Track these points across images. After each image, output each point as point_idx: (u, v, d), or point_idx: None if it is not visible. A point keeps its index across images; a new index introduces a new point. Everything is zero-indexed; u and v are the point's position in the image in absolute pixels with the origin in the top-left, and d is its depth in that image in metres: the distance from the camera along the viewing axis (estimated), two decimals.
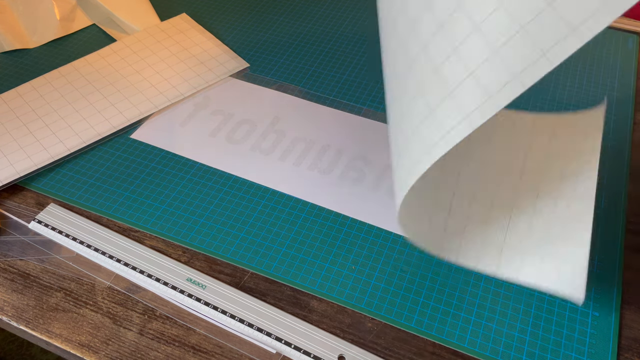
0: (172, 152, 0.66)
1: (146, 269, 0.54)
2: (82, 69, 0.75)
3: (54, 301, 0.52)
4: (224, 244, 0.57)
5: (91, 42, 0.81)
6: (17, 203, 0.60)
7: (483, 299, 0.52)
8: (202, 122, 0.69)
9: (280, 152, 0.65)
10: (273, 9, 0.88)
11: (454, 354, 0.49)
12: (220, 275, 0.54)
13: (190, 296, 0.52)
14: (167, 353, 0.49)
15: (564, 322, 0.51)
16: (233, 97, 0.72)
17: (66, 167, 0.64)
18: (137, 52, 0.77)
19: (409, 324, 0.51)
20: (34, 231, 0.58)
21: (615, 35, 0.82)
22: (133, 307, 0.52)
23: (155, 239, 0.57)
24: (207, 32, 0.81)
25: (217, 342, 0.50)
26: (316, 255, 0.56)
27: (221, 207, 0.60)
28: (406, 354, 0.49)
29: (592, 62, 0.78)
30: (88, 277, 0.54)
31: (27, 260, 0.56)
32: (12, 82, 0.74)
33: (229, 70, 0.76)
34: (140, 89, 0.72)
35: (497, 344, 0.49)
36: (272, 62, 0.78)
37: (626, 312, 0.52)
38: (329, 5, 0.88)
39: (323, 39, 0.70)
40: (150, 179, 0.63)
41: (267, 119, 0.70)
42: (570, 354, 0.49)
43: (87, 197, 0.61)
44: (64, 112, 0.69)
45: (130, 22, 0.82)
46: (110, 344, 0.50)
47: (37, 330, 0.51)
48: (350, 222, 0.59)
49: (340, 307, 0.52)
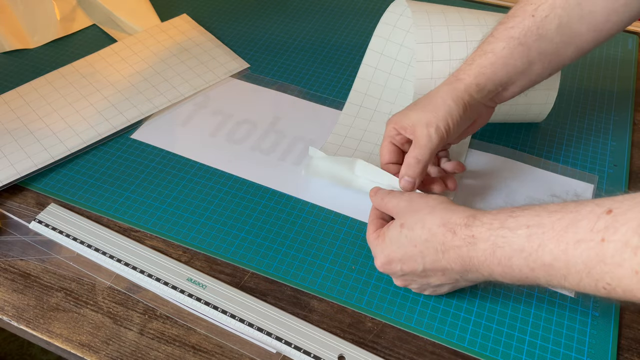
0: (172, 152, 0.66)
1: (146, 268, 0.54)
2: (83, 70, 0.75)
3: (55, 301, 0.52)
4: (224, 244, 0.57)
5: (91, 42, 0.81)
6: (17, 203, 0.60)
7: (483, 299, 0.52)
8: (202, 122, 0.69)
9: (281, 152, 0.65)
10: (273, 9, 0.88)
11: (454, 354, 0.49)
12: (221, 275, 0.54)
13: (190, 296, 0.52)
14: (167, 353, 0.49)
15: (564, 322, 0.51)
16: (233, 97, 0.72)
17: (66, 167, 0.64)
18: (138, 53, 0.77)
19: (409, 324, 0.51)
20: (35, 231, 0.58)
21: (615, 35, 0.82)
22: (133, 307, 0.52)
23: (156, 239, 0.57)
24: (207, 33, 0.82)
25: (217, 342, 0.50)
26: (316, 255, 0.56)
27: (221, 207, 0.60)
28: (406, 354, 0.49)
29: (592, 62, 0.78)
30: (88, 277, 0.54)
31: (27, 260, 0.56)
32: (13, 82, 0.74)
33: (230, 70, 0.76)
34: (141, 90, 0.72)
35: (497, 344, 0.49)
36: (272, 62, 0.78)
37: (626, 312, 0.52)
38: (329, 6, 0.88)
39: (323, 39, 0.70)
40: (150, 179, 0.63)
41: (267, 119, 0.70)
42: (570, 354, 0.49)
43: (87, 197, 0.61)
44: (65, 113, 0.69)
45: (131, 23, 0.82)
46: (111, 344, 0.50)
47: (38, 330, 0.51)
48: (350, 222, 0.59)
49: (340, 307, 0.52)
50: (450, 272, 0.46)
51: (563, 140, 0.67)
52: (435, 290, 0.50)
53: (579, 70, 0.76)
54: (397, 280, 0.51)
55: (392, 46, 0.68)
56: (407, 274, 0.48)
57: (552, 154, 0.65)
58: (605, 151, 0.66)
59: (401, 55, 0.68)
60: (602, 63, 0.78)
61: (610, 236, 0.35)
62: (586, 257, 0.37)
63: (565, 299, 0.52)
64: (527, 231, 0.40)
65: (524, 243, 0.40)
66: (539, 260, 0.40)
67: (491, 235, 0.42)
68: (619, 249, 0.35)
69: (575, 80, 0.75)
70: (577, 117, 0.70)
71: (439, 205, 0.47)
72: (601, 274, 0.36)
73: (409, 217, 0.48)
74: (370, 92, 0.69)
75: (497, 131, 0.68)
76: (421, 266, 0.47)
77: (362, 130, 0.67)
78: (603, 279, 0.36)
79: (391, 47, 0.68)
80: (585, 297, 0.52)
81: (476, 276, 0.45)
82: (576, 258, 0.37)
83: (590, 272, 0.37)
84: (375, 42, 0.69)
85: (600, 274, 0.36)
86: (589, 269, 0.37)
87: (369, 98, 0.69)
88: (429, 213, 0.47)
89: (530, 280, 0.42)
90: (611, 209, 0.36)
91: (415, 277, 0.48)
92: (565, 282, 0.39)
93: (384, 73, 0.69)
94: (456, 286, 0.50)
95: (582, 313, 0.51)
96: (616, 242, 0.35)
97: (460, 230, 0.44)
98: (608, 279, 0.36)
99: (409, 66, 0.68)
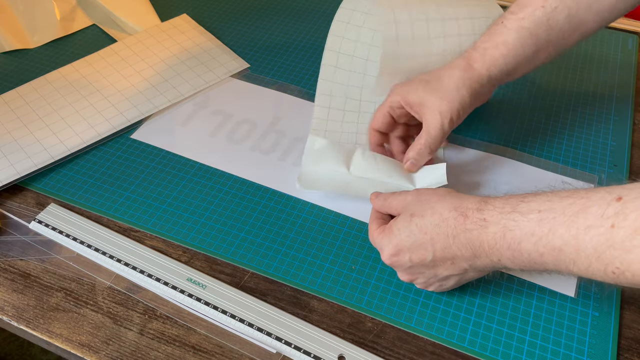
0: (172, 152, 0.66)
1: (146, 269, 0.54)
2: (83, 70, 0.75)
3: (55, 301, 0.52)
4: (224, 244, 0.57)
5: (91, 42, 0.81)
6: (17, 203, 0.60)
7: (483, 299, 0.52)
8: (202, 122, 0.69)
9: (281, 152, 0.65)
10: (273, 9, 0.88)
11: (454, 354, 0.49)
12: (221, 275, 0.54)
13: (190, 296, 0.52)
14: (167, 353, 0.49)
15: (564, 322, 0.51)
16: (233, 98, 0.72)
17: (66, 167, 0.64)
18: (138, 53, 0.77)
19: (409, 324, 0.51)
20: (35, 231, 0.58)
21: (615, 35, 0.82)
22: (133, 307, 0.52)
23: (156, 239, 0.57)
24: (207, 33, 0.82)
25: (217, 342, 0.50)
26: (316, 255, 0.56)
27: (221, 207, 0.60)
28: (406, 354, 0.49)
29: (592, 62, 0.78)
30: (88, 277, 0.54)
31: (27, 260, 0.56)
32: (13, 82, 0.74)
33: (230, 70, 0.76)
34: (141, 90, 0.72)
35: (497, 344, 0.49)
36: (272, 62, 0.78)
37: (626, 312, 0.52)
38: (329, 6, 0.88)
39: (323, 39, 0.70)
40: (150, 179, 0.63)
41: (267, 119, 0.70)
42: (570, 354, 0.49)
43: (87, 197, 0.61)
44: (65, 113, 0.69)
45: (131, 23, 0.82)
46: (111, 344, 0.50)
47: (38, 330, 0.51)
48: (350, 222, 0.59)
49: (340, 307, 0.52)
50: (460, 259, 0.46)
51: (563, 140, 0.67)
52: (441, 284, 0.50)
53: (579, 70, 0.77)
54: (402, 274, 0.50)
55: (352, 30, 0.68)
56: (415, 265, 0.48)
57: (552, 154, 0.65)
58: (605, 151, 0.66)
59: (363, 38, 0.68)
60: (602, 63, 0.78)
61: (620, 222, 0.37)
62: (596, 242, 0.38)
63: (565, 299, 0.52)
64: (538, 215, 0.41)
65: (534, 227, 0.41)
66: (549, 244, 0.40)
67: (502, 218, 0.43)
68: (629, 235, 0.36)
69: (575, 80, 0.75)
70: (577, 117, 0.70)
71: (449, 194, 0.48)
72: (611, 258, 0.38)
73: (419, 206, 0.48)
74: (338, 79, 0.69)
75: (497, 131, 0.68)
76: (431, 255, 0.46)
77: (339, 122, 0.67)
78: (613, 264, 0.38)
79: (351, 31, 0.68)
80: (585, 296, 0.52)
81: (485, 263, 0.45)
82: (586, 243, 0.38)
83: (600, 256, 0.38)
84: (333, 34, 0.69)
85: (610, 259, 0.38)
86: (599, 253, 0.38)
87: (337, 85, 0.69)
88: (438, 200, 0.47)
89: (538, 265, 0.42)
90: (621, 196, 0.38)
91: (424, 268, 0.48)
92: (573, 266, 0.40)
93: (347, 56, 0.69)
94: (462, 279, 0.49)
95: (582, 313, 0.51)
96: (626, 229, 0.37)
97: (472, 214, 0.45)
98: (617, 264, 0.37)
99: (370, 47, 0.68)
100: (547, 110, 0.71)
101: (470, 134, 0.67)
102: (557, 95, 0.73)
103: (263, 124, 0.69)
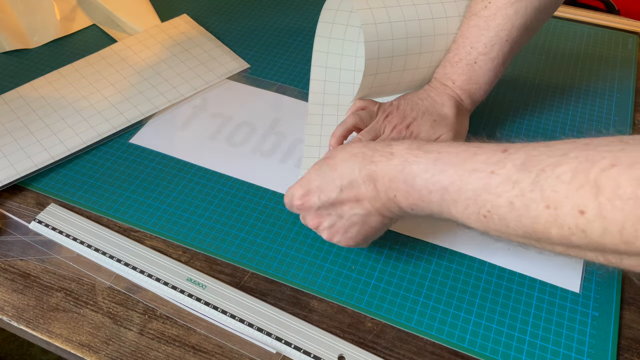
0: (171, 155, 0.66)
1: (146, 269, 0.54)
2: (83, 70, 0.75)
3: (55, 301, 0.52)
4: (224, 244, 0.57)
5: (91, 42, 0.81)
6: (17, 203, 0.60)
7: (483, 299, 0.52)
8: (201, 125, 0.69)
9: (281, 154, 0.65)
10: (273, 10, 0.88)
11: (454, 354, 0.49)
12: (220, 275, 0.54)
13: (190, 296, 0.52)
14: (167, 353, 0.49)
15: (564, 322, 0.51)
16: (232, 99, 0.72)
17: (67, 167, 0.64)
18: (138, 53, 0.77)
19: (409, 324, 0.51)
20: (35, 231, 0.58)
21: (615, 35, 0.82)
22: (133, 307, 0.52)
23: (156, 239, 0.57)
24: (207, 33, 0.82)
25: (217, 342, 0.50)
26: (316, 255, 0.56)
27: (221, 207, 0.60)
28: (406, 354, 0.49)
29: (592, 62, 0.78)
30: (88, 277, 0.54)
31: (27, 260, 0.56)
32: (13, 82, 0.74)
33: (230, 70, 0.76)
34: (141, 90, 0.72)
35: (497, 344, 0.49)
36: (272, 63, 0.78)
37: (626, 312, 0.52)
38: None
39: None
40: (150, 179, 0.63)
41: (267, 121, 0.70)
42: (570, 354, 0.49)
43: (87, 197, 0.61)
44: (65, 113, 0.69)
45: (131, 23, 0.82)
46: (111, 344, 0.50)
47: (38, 330, 0.51)
48: None
49: (340, 307, 0.52)
50: (364, 198, 0.47)
51: None
52: (345, 231, 0.50)
53: (579, 70, 0.77)
54: (310, 218, 0.51)
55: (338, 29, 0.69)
56: (323, 206, 0.49)
57: None
58: None
59: (349, 35, 0.68)
60: (602, 63, 0.78)
61: (499, 170, 0.40)
62: (476, 185, 0.41)
63: (565, 299, 0.52)
64: (437, 156, 0.44)
65: (430, 165, 0.44)
66: (438, 183, 0.43)
67: (406, 153, 0.45)
68: (502, 181, 0.39)
69: (575, 80, 0.75)
70: (577, 117, 0.70)
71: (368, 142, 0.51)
72: (484, 202, 0.40)
73: (333, 152, 0.50)
74: (329, 77, 0.70)
75: (495, 131, 0.68)
76: (338, 190, 0.48)
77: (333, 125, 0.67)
78: (485, 207, 0.40)
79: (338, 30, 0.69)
80: (585, 296, 0.52)
81: (384, 202, 0.46)
82: (468, 185, 0.41)
83: (476, 199, 0.41)
84: (320, 33, 0.69)
85: (483, 202, 0.40)
86: (476, 196, 0.41)
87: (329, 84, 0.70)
88: (352, 144, 0.50)
89: (425, 204, 0.44)
90: (507, 149, 0.41)
91: (330, 208, 0.49)
92: (453, 207, 0.42)
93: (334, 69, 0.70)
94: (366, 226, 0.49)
95: (582, 313, 0.51)
96: (502, 175, 0.39)
97: (382, 148, 0.47)
98: (489, 207, 0.40)
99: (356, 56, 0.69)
100: (546, 110, 0.71)
101: (470, 132, 0.67)
102: (556, 95, 0.73)
103: (263, 126, 0.69)
